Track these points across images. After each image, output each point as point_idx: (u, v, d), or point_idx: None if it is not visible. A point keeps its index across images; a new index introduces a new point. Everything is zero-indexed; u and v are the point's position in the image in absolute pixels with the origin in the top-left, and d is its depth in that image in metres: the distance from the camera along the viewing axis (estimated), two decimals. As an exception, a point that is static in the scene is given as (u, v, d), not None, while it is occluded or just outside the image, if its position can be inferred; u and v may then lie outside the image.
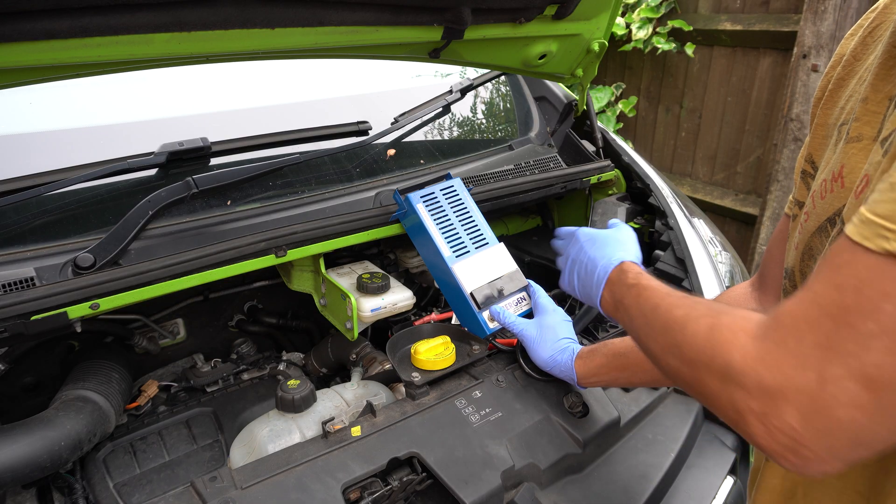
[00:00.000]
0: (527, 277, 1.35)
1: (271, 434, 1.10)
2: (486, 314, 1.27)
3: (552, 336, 1.19)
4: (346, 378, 1.52)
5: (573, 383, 1.15)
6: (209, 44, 1.02)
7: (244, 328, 1.65)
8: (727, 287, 1.53)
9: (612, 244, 1.03)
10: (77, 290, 1.03)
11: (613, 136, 1.99)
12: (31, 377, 1.34)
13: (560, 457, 1.10)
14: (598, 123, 1.94)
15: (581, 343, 1.20)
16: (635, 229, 1.84)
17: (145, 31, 0.94)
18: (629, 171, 1.87)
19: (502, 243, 1.37)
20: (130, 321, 1.43)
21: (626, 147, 1.95)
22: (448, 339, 1.24)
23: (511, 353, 1.29)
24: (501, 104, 2.10)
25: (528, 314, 1.33)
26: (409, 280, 1.72)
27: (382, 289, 1.32)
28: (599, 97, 4.29)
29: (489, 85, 2.03)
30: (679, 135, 4.08)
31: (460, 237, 1.34)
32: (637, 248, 1.04)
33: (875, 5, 0.76)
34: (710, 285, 1.51)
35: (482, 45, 1.40)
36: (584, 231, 1.10)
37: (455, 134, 1.91)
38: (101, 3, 0.87)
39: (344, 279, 1.37)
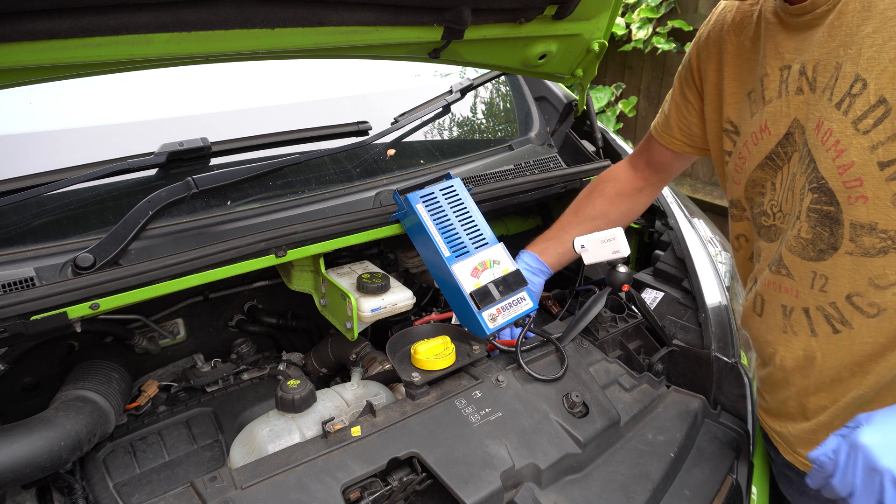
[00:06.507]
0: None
1: (271, 434, 1.10)
2: (486, 314, 1.27)
3: None
4: (346, 378, 1.52)
5: None
6: (209, 44, 1.02)
7: (244, 328, 1.65)
8: (727, 287, 1.53)
9: None
10: (77, 290, 1.03)
11: (613, 136, 1.99)
12: (31, 377, 1.34)
13: (560, 457, 1.10)
14: (598, 123, 1.94)
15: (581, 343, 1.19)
16: (635, 229, 1.86)
17: (145, 31, 0.94)
18: (629, 171, 1.86)
19: (502, 243, 1.37)
20: (130, 321, 1.43)
21: (626, 147, 1.95)
22: (448, 339, 1.24)
23: (511, 353, 1.29)
24: (501, 104, 2.10)
25: (529, 314, 1.33)
26: (409, 280, 1.72)
27: (382, 289, 1.32)
28: (599, 97, 4.29)
29: (489, 85, 2.03)
30: (679, 135, 4.07)
31: (460, 237, 1.34)
32: None
33: None
34: (710, 285, 1.51)
35: (482, 45, 1.40)
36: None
37: (455, 134, 1.91)
38: (101, 3, 0.87)
39: (344, 279, 1.37)
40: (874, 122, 0.84)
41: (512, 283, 1.32)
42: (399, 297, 1.33)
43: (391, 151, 1.67)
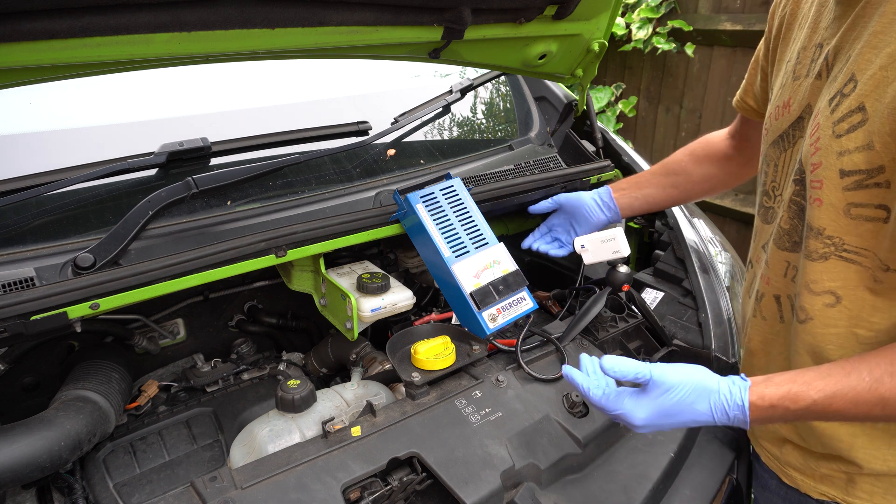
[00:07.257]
0: (526, 277, 1.35)
1: (271, 434, 1.10)
2: (486, 314, 1.27)
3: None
4: (346, 378, 1.52)
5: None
6: (209, 44, 1.02)
7: (244, 328, 1.65)
8: (727, 287, 1.53)
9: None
10: (77, 290, 1.03)
11: (613, 136, 1.99)
12: (31, 377, 1.34)
13: (560, 457, 1.10)
14: (598, 123, 1.94)
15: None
16: (635, 229, 1.86)
17: (145, 31, 0.94)
18: (629, 171, 1.87)
19: (502, 243, 1.37)
20: (130, 321, 1.43)
21: (626, 147, 1.95)
22: (448, 339, 1.24)
23: (511, 353, 1.29)
24: (501, 104, 2.10)
25: (528, 315, 1.33)
26: (409, 280, 1.72)
27: (382, 289, 1.32)
28: (599, 97, 4.29)
29: (489, 85, 2.03)
30: (679, 135, 4.08)
31: (460, 237, 1.34)
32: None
33: None
34: (710, 285, 1.51)
35: (482, 45, 1.40)
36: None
37: (455, 134, 1.91)
38: (101, 3, 0.87)
39: (344, 279, 1.37)
40: (848, 127, 0.81)
41: (512, 283, 1.32)
42: (399, 297, 1.33)
43: (391, 151, 1.67)
